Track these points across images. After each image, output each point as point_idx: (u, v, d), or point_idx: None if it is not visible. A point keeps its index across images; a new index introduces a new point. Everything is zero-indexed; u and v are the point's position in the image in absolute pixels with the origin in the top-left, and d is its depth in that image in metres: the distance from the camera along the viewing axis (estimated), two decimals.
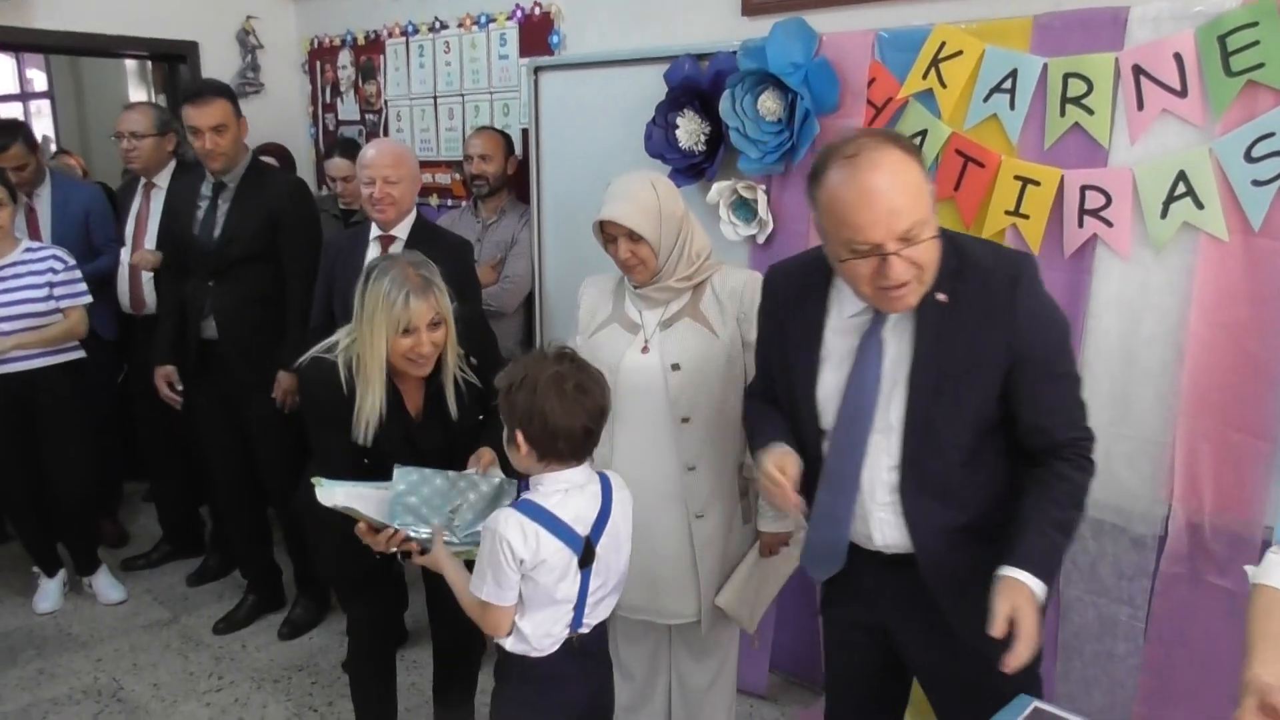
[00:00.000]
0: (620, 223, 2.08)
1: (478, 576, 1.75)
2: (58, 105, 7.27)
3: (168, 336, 3.35)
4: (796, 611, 2.91)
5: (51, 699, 3.01)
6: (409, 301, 2.03)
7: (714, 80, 2.80)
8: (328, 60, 4.61)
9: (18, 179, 3.55)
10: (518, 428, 1.71)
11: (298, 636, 3.36)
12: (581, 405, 1.70)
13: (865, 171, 1.45)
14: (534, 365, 1.72)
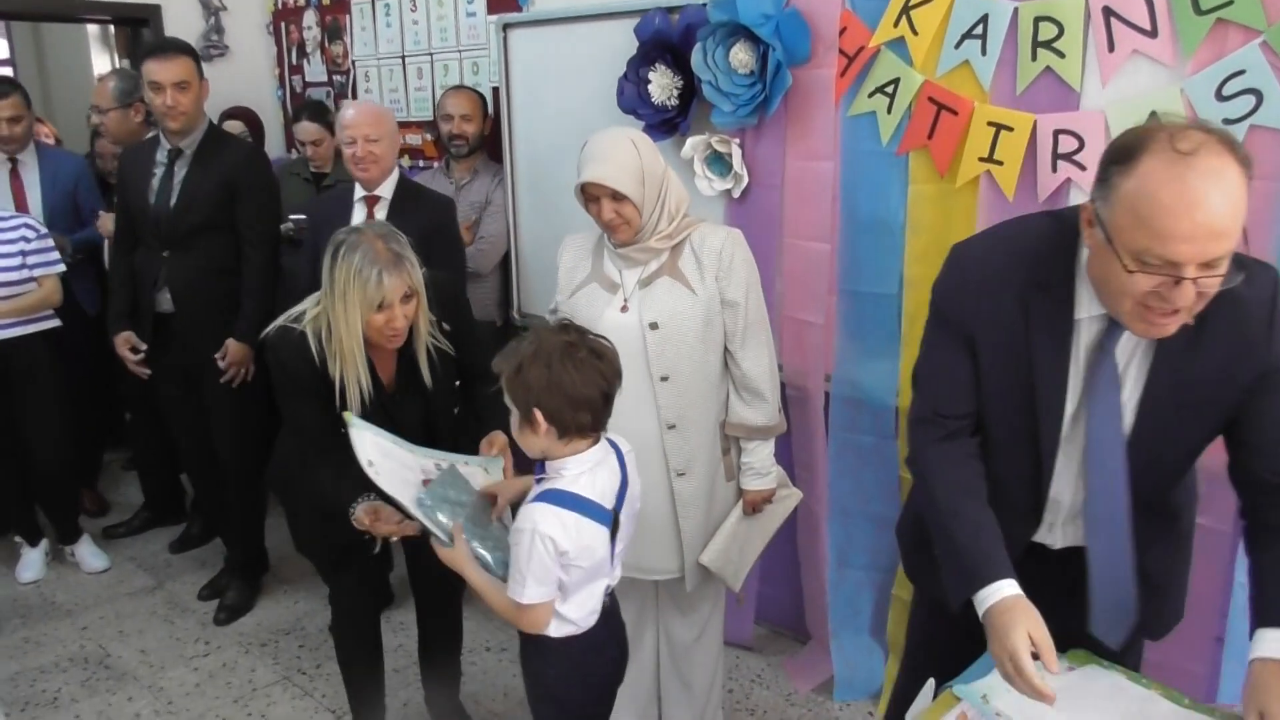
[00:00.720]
0: (605, 184, 2.07)
1: (515, 582, 1.67)
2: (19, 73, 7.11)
3: (122, 306, 3.25)
4: (780, 564, 2.95)
5: (39, 667, 3.02)
6: (382, 279, 1.99)
7: (685, 33, 2.78)
8: (293, 21, 4.54)
9: (9, 132, 3.51)
10: (534, 406, 1.63)
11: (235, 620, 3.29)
12: (599, 371, 1.66)
13: (1200, 177, 1.20)
14: (540, 339, 1.66)
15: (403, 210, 2.91)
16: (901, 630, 2.59)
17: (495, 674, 2.97)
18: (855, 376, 2.62)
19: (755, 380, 2.21)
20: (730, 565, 2.34)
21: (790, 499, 2.41)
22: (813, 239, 2.65)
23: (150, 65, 2.98)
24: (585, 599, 1.77)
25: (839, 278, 2.61)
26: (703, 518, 2.26)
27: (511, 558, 1.69)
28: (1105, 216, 1.29)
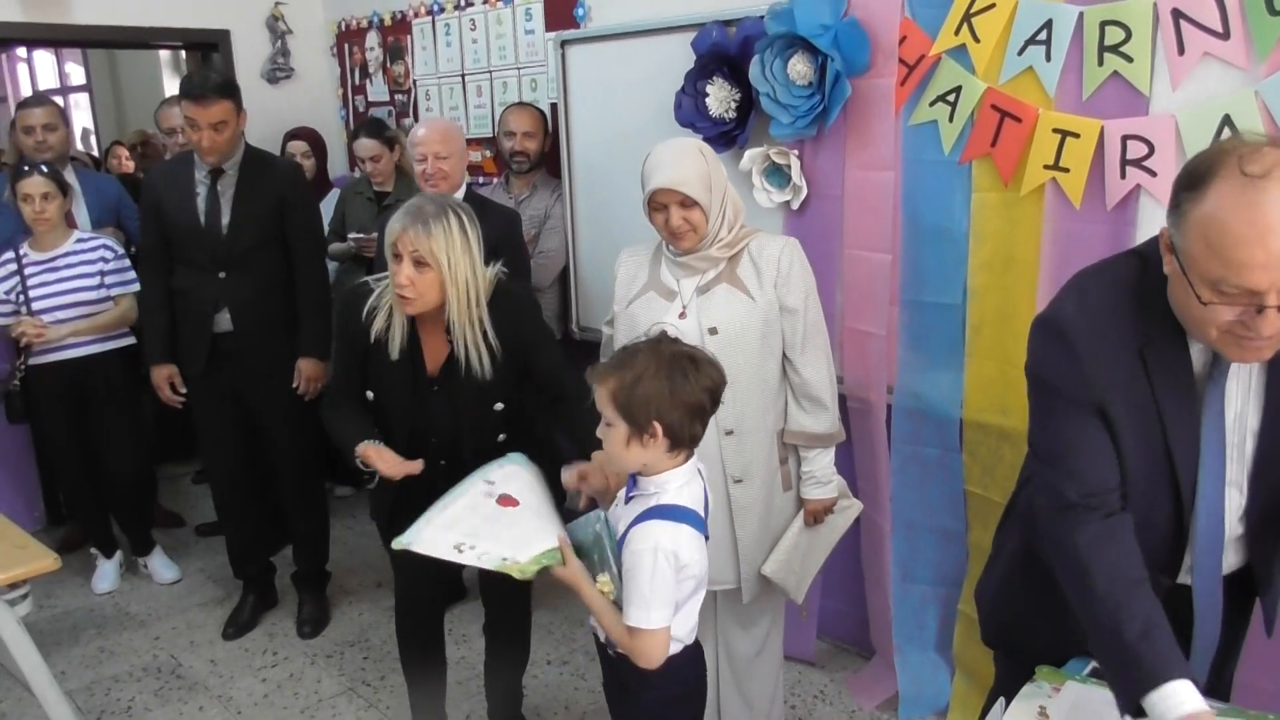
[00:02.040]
0: (677, 189, 2.08)
1: (639, 607, 1.61)
2: (95, 99, 7.38)
3: (161, 333, 3.18)
4: (843, 578, 2.92)
5: (114, 676, 3.10)
6: (394, 220, 2.07)
7: (742, 46, 2.78)
8: (355, 42, 4.63)
9: (43, 139, 3.59)
10: (655, 419, 1.60)
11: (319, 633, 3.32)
12: (711, 378, 1.65)
13: (1273, 202, 1.16)
14: (647, 354, 1.64)
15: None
16: (969, 647, 2.56)
17: (557, 688, 2.97)
18: (918, 388, 2.59)
19: (814, 387, 2.20)
20: (792, 576, 2.32)
21: (851, 510, 2.39)
22: (874, 249, 2.63)
23: (188, 106, 2.94)
24: (690, 613, 1.73)
25: (901, 288, 2.59)
26: (759, 526, 2.24)
27: (628, 582, 1.64)
28: (1179, 245, 1.25)
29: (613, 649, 1.74)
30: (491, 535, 1.81)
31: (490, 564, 1.76)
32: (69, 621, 3.45)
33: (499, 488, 1.92)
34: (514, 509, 1.87)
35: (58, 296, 3.31)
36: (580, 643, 3.21)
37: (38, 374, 3.38)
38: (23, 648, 2.32)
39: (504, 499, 1.89)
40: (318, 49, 4.81)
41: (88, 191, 3.77)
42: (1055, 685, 1.48)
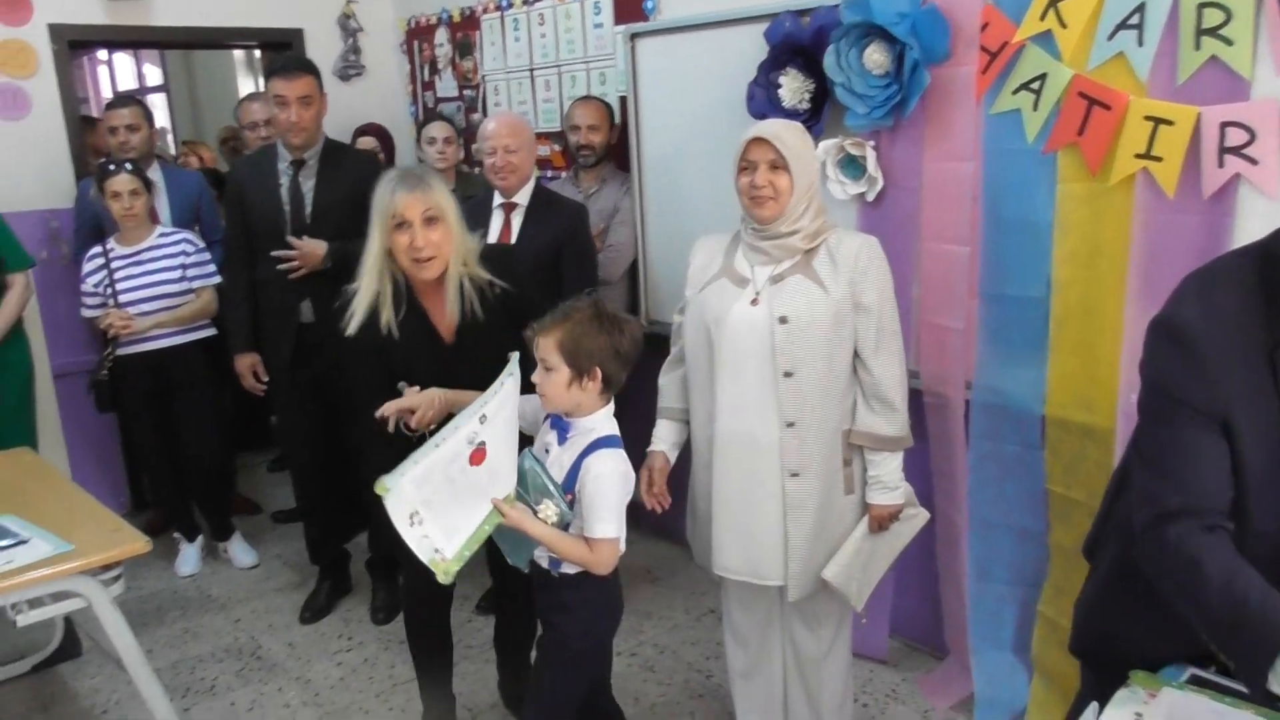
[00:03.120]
0: (772, 140, 2.07)
1: (603, 521, 1.90)
2: (173, 98, 7.57)
3: (245, 323, 3.29)
4: (916, 576, 2.88)
5: (197, 656, 3.20)
6: (396, 194, 2.09)
7: (816, 36, 2.75)
8: (425, 39, 4.69)
9: (126, 139, 3.69)
10: (596, 365, 1.90)
11: (393, 619, 3.34)
12: (634, 335, 1.96)
13: None
14: (586, 310, 1.92)
15: (538, 217, 2.98)
16: (1048, 649, 2.51)
17: (625, 679, 2.98)
18: (998, 383, 2.53)
19: (885, 388, 2.16)
20: (854, 583, 2.28)
21: (918, 519, 2.34)
22: (952, 241, 2.58)
23: (277, 82, 3.06)
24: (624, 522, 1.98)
25: (981, 281, 2.53)
26: (813, 525, 2.19)
27: (593, 502, 1.90)
28: None
29: (556, 569, 2.00)
30: (441, 509, 1.84)
31: (423, 554, 1.81)
32: (154, 603, 3.56)
33: (485, 430, 1.89)
34: (477, 468, 1.88)
35: (143, 289, 3.42)
36: (648, 635, 3.22)
37: (124, 365, 3.49)
38: (117, 626, 2.39)
39: (477, 453, 1.87)
40: (388, 46, 4.87)
41: (170, 187, 3.86)
42: (1151, 691, 1.44)
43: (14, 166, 3.87)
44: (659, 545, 3.84)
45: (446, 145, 3.82)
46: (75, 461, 4.06)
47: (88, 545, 2.31)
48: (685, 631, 3.23)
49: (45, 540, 2.32)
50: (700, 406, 2.28)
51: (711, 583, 2.43)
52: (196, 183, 4.06)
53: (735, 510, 2.24)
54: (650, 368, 3.71)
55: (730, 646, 2.50)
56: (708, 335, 2.20)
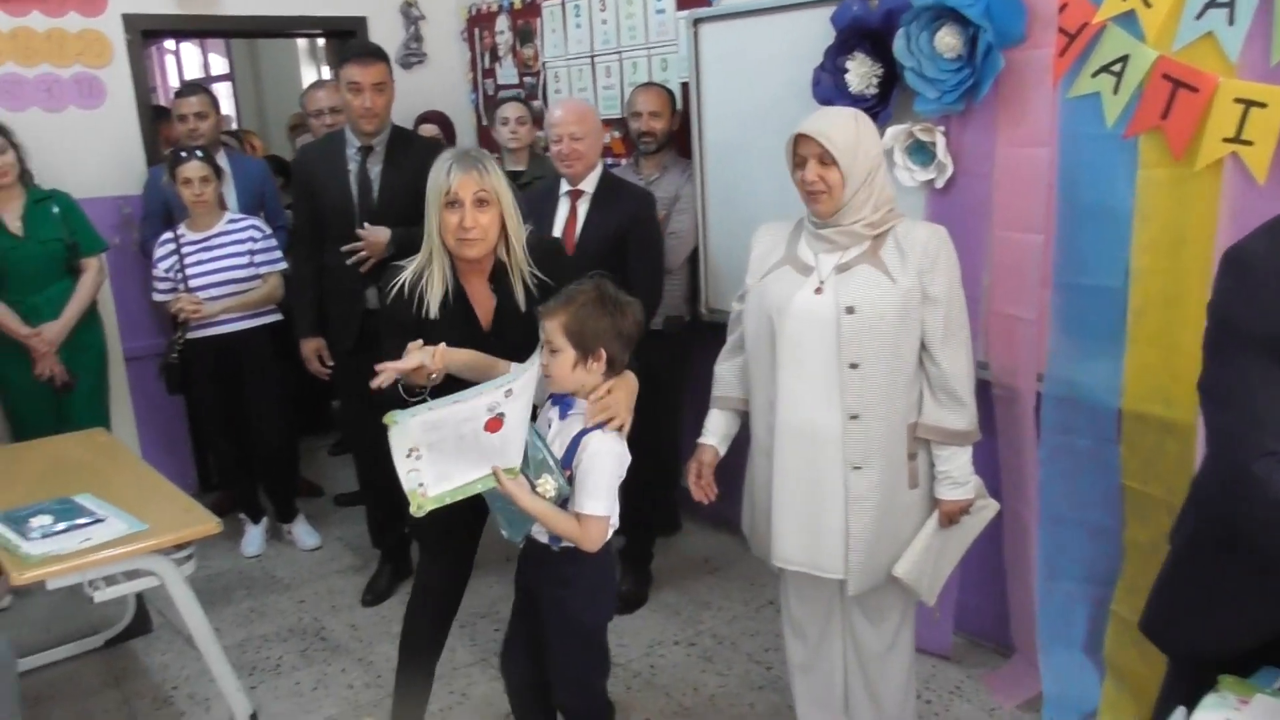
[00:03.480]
0: (816, 138, 2.03)
1: (594, 499, 1.95)
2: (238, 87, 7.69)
3: (310, 308, 3.33)
4: (982, 572, 2.82)
5: (262, 635, 3.26)
6: (450, 172, 2.08)
7: (885, 19, 2.69)
8: (486, 26, 4.70)
9: (195, 126, 3.76)
10: (602, 347, 1.95)
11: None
12: (636, 317, 2.01)
13: None
14: (591, 293, 1.96)
15: (605, 204, 2.98)
16: (1122, 650, 2.45)
17: (684, 669, 2.97)
18: (1072, 375, 2.46)
19: (953, 381, 2.11)
20: (925, 578, 2.24)
21: (987, 510, 2.28)
22: (1025, 230, 2.52)
23: (351, 69, 3.09)
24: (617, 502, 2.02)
25: (1055, 270, 2.46)
26: (875, 518, 2.15)
27: (586, 479, 1.94)
28: None
29: (556, 544, 2.03)
30: (441, 456, 1.91)
31: (407, 484, 1.90)
32: (221, 582, 3.64)
33: (508, 403, 1.92)
34: (490, 435, 1.92)
35: (212, 274, 3.49)
36: (706, 625, 3.21)
37: (192, 348, 3.56)
38: (189, 605, 2.44)
39: (494, 421, 1.91)
40: (449, 34, 4.90)
41: (236, 174, 3.92)
42: (1242, 698, 1.38)
43: (89, 153, 3.96)
44: (717, 535, 3.82)
45: (519, 125, 3.81)
46: (145, 442, 4.17)
47: (161, 525, 2.36)
48: (744, 623, 3.21)
49: (120, 519, 2.38)
50: (760, 395, 2.26)
51: (771, 574, 2.41)
52: (261, 169, 4.11)
53: (796, 501, 2.21)
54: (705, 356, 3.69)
55: (789, 639, 2.48)
56: (769, 324, 2.17)
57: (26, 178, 3.53)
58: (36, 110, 3.86)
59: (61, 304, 3.52)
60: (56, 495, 2.52)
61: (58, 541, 2.27)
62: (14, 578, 2.16)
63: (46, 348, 3.47)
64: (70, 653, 3.15)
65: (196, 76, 7.79)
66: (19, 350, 3.47)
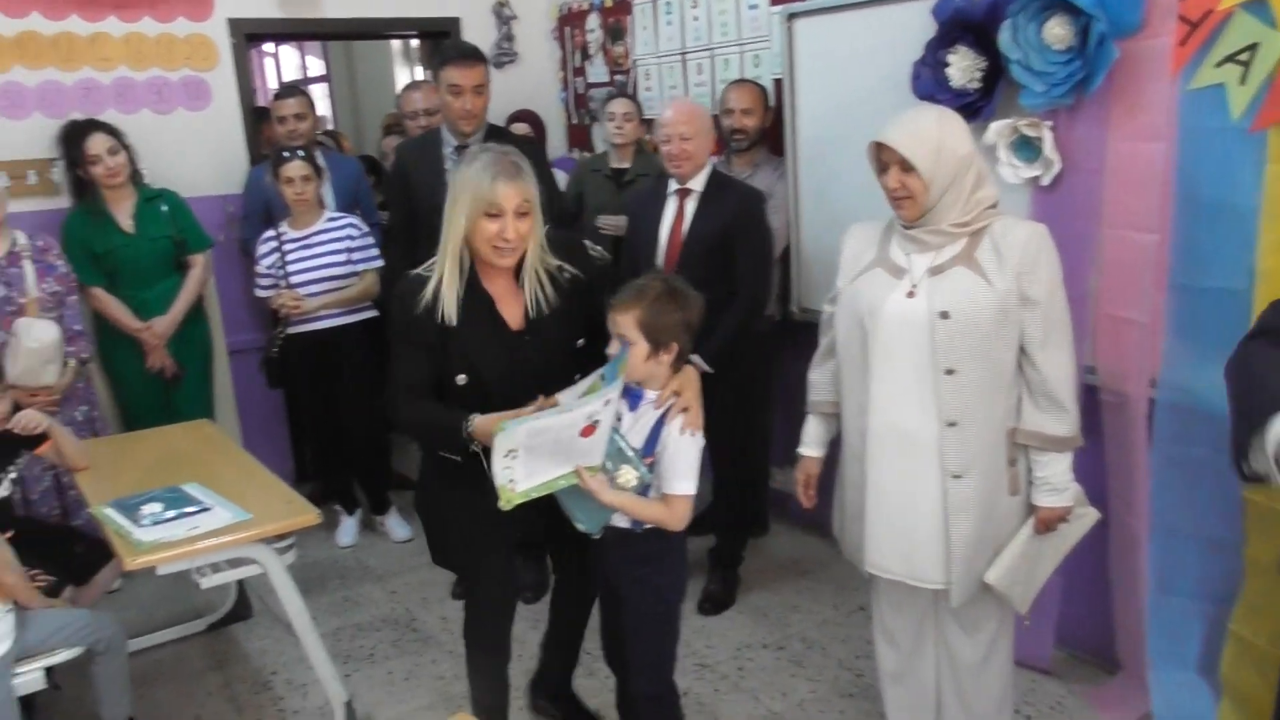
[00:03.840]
0: (893, 147, 1.99)
1: (685, 480, 2.03)
2: (334, 88, 7.88)
3: None
4: (1086, 584, 2.72)
5: (356, 624, 3.33)
6: (495, 182, 2.01)
7: (990, 10, 2.61)
8: (576, 25, 4.72)
9: (295, 128, 3.86)
10: (673, 339, 2.01)
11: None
12: (699, 308, 2.08)
13: None
14: (661, 287, 2.03)
15: (712, 203, 2.97)
16: (1240, 670, 2.32)
17: (774, 672, 2.93)
18: (1189, 382, 2.35)
19: (1054, 386, 2.04)
20: (1018, 586, 2.17)
21: (1086, 518, 2.20)
22: (1138, 229, 2.41)
23: (452, 70, 3.09)
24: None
25: (1171, 271, 2.35)
26: (976, 527, 2.09)
27: (674, 463, 2.02)
28: None
29: (640, 527, 2.08)
30: (536, 457, 1.95)
31: (500, 478, 1.94)
32: (316, 571, 3.73)
33: (604, 412, 1.97)
34: (584, 439, 1.97)
35: (311, 271, 3.58)
36: (795, 629, 3.16)
37: (292, 343, 3.65)
38: (289, 593, 2.51)
39: (589, 427, 1.96)
40: (540, 33, 4.93)
41: (331, 173, 4.00)
42: None
43: (195, 153, 4.10)
44: (806, 537, 3.77)
45: (626, 122, 3.77)
46: (246, 433, 4.29)
47: (264, 515, 2.43)
48: (835, 628, 3.16)
49: (226, 508, 2.45)
50: (852, 399, 2.21)
51: (862, 578, 2.37)
52: (355, 168, 4.20)
53: (891, 508, 2.16)
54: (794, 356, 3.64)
55: (880, 646, 2.43)
56: (861, 327, 2.13)
57: (137, 177, 3.67)
58: (147, 112, 4.01)
59: (170, 299, 3.66)
60: (165, 484, 2.62)
61: (167, 529, 2.36)
62: (126, 563, 2.26)
63: (156, 341, 3.61)
64: (175, 635, 3.27)
65: (294, 78, 8.00)
66: (131, 343, 3.61)
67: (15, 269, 3.22)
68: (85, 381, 3.48)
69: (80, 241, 3.51)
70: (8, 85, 3.76)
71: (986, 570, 2.13)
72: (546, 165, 3.42)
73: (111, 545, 2.38)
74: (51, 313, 3.27)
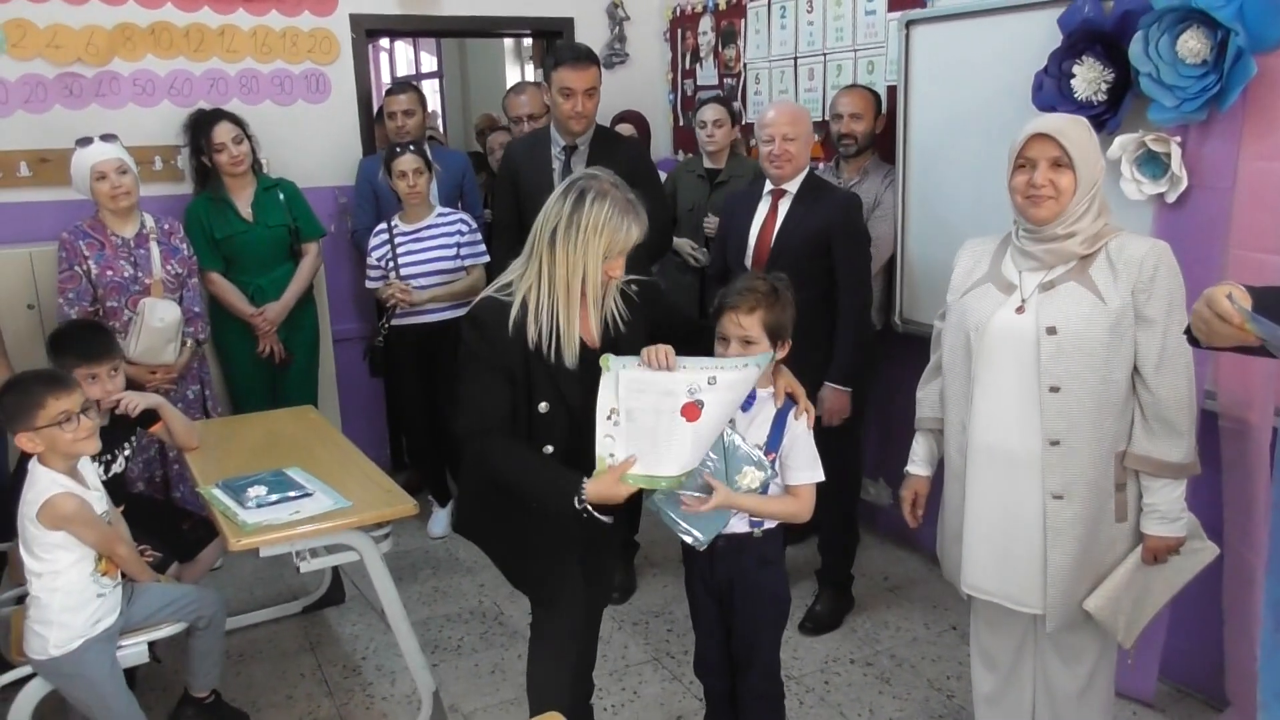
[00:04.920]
0: (1058, 137, 1.93)
1: (812, 468, 2.06)
2: (445, 84, 8.05)
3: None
4: (1195, 617, 2.60)
5: (445, 615, 3.39)
6: (632, 230, 1.98)
7: (1120, 21, 2.52)
8: (689, 27, 4.71)
9: (404, 124, 3.95)
10: (788, 339, 2.08)
11: (626, 600, 3.42)
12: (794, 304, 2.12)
13: None
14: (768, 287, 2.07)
15: (806, 205, 2.95)
16: None
17: (861, 688, 2.89)
18: None
19: (1169, 409, 1.95)
20: (1121, 617, 2.08)
21: (1204, 554, 2.11)
22: (1269, 250, 2.30)
23: (566, 73, 3.09)
24: None
25: None
26: (1077, 552, 2.03)
27: (799, 454, 2.05)
28: None
29: (759, 527, 2.11)
30: (636, 430, 1.95)
31: (600, 449, 1.96)
32: (408, 560, 3.81)
33: (708, 393, 1.95)
34: (686, 424, 1.93)
35: (421, 264, 3.65)
36: (885, 645, 3.10)
37: (397, 334, 3.74)
38: (384, 582, 2.56)
39: (692, 406, 1.94)
40: (652, 34, 4.95)
41: (440, 168, 4.09)
42: None
43: (312, 145, 4.23)
44: (898, 552, 3.71)
45: (717, 129, 3.75)
46: (346, 421, 4.41)
47: (363, 503, 2.49)
48: (925, 647, 3.09)
49: (327, 494, 2.52)
50: (955, 416, 2.17)
51: (956, 598, 2.31)
52: (461, 162, 4.27)
53: (990, 528, 2.12)
54: (897, 368, 3.57)
55: (977, 668, 2.37)
56: (967, 342, 2.10)
57: (258, 166, 3.80)
58: (269, 103, 4.16)
59: (283, 286, 3.78)
60: (270, 467, 2.70)
61: (272, 512, 2.43)
62: (232, 543, 2.33)
63: (268, 326, 3.73)
64: (271, 615, 3.38)
65: (407, 74, 8.20)
66: (242, 328, 3.74)
67: (143, 250, 3.37)
68: (200, 362, 3.62)
69: (201, 227, 3.65)
70: (139, 73, 3.94)
71: (1086, 598, 2.06)
72: (651, 167, 3.42)
73: (217, 525, 2.46)
74: (173, 294, 3.41)
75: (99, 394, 2.57)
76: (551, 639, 2.26)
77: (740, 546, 2.13)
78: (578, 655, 2.34)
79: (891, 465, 3.68)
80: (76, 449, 2.25)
